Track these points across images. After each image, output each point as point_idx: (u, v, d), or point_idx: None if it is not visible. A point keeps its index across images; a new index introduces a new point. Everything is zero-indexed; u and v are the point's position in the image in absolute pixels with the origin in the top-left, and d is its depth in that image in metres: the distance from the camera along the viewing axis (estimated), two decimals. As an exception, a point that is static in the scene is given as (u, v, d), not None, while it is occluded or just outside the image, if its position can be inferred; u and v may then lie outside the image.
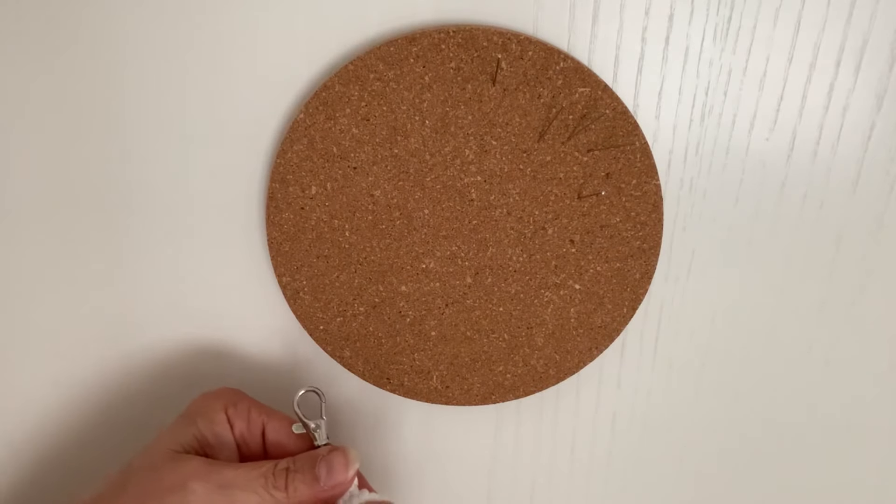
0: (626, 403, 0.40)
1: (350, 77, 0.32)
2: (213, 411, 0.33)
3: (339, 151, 0.33)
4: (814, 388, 0.40)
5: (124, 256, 0.36)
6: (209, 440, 0.33)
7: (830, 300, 0.38)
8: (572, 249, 0.35)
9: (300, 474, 0.31)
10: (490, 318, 0.36)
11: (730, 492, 0.42)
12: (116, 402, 0.39)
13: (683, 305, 0.38)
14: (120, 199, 0.35)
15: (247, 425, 0.33)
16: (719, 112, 0.34)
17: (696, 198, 0.35)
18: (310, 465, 0.31)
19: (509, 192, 0.34)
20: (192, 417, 0.33)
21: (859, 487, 0.42)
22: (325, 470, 0.31)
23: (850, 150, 0.35)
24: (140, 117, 0.34)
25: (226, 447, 0.33)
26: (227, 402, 0.33)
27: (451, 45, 0.31)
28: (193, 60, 0.33)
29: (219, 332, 0.38)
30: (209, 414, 0.33)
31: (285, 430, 0.34)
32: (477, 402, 0.38)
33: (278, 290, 0.37)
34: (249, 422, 0.33)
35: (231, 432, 0.33)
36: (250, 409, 0.34)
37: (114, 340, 0.38)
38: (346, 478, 0.31)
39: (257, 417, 0.33)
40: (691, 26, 0.32)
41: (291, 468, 0.31)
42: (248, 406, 0.34)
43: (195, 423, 0.32)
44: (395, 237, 0.35)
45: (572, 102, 0.32)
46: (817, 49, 0.33)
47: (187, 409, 0.34)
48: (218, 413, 0.33)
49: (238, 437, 0.33)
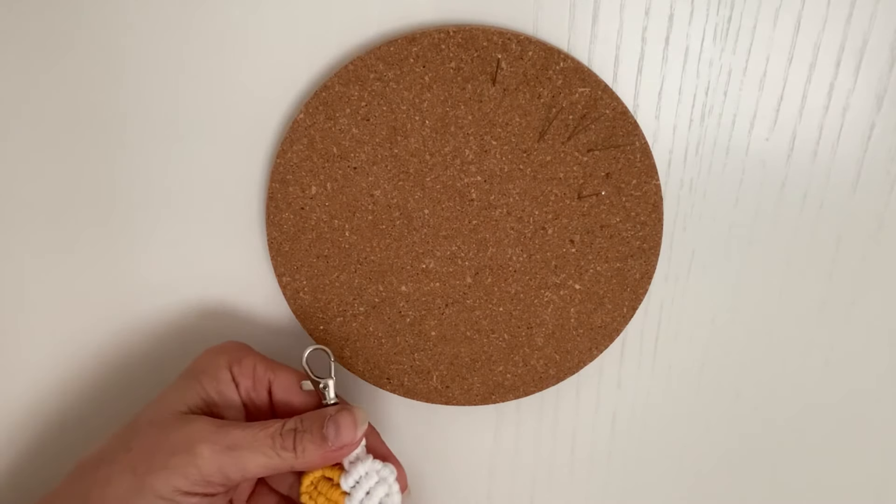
0: (626, 403, 0.40)
1: (350, 77, 0.32)
2: (217, 369, 0.32)
3: (339, 151, 0.33)
4: (814, 388, 0.40)
5: (123, 256, 0.36)
6: (215, 399, 0.32)
7: (830, 300, 0.38)
8: (572, 249, 0.35)
9: (308, 434, 0.30)
10: (490, 318, 0.36)
11: (730, 491, 0.42)
12: (117, 401, 0.39)
13: (683, 305, 0.38)
14: (119, 199, 0.35)
15: (252, 383, 0.33)
16: (719, 112, 0.34)
17: (696, 198, 0.35)
18: (318, 424, 0.30)
19: (509, 192, 0.34)
20: (197, 376, 0.32)
21: (859, 487, 0.42)
22: (333, 430, 0.30)
23: (850, 150, 0.35)
24: (140, 117, 0.34)
25: (232, 406, 0.32)
26: (231, 360, 0.33)
27: (451, 45, 0.31)
28: (193, 60, 0.33)
29: (218, 332, 0.38)
30: (213, 372, 0.32)
31: (293, 387, 0.33)
32: (477, 402, 0.38)
33: (278, 290, 0.37)
34: (255, 380, 0.33)
35: (237, 391, 0.32)
36: (255, 366, 0.33)
37: (114, 340, 0.38)
38: (354, 437, 0.31)
39: (263, 374, 0.33)
40: (691, 26, 0.32)
41: (299, 428, 0.30)
42: (253, 362, 0.33)
43: (200, 382, 0.32)
44: (395, 237, 0.35)
45: (572, 102, 0.32)
46: (817, 49, 0.33)
47: (192, 366, 0.33)
48: (222, 370, 0.32)
49: (244, 396, 0.33)
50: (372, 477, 0.33)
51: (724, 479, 0.42)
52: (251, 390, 0.33)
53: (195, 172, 0.35)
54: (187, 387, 0.32)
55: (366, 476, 0.32)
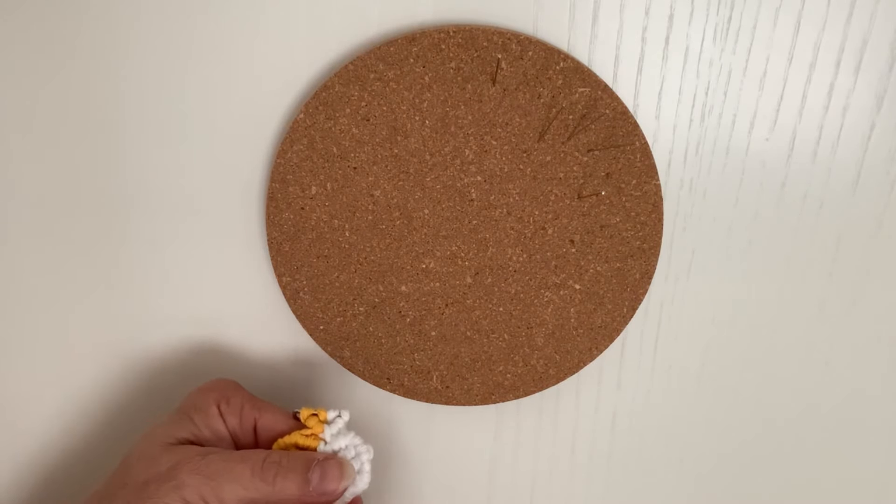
0: (626, 403, 0.40)
1: (350, 77, 0.32)
2: (207, 405, 0.33)
3: (339, 151, 0.33)
4: (814, 389, 0.40)
5: (124, 257, 0.36)
6: (205, 434, 0.33)
7: (830, 300, 0.38)
8: (572, 249, 0.35)
9: (292, 473, 0.30)
10: (490, 318, 0.36)
11: (730, 492, 0.42)
12: (117, 401, 0.39)
13: (683, 305, 0.38)
14: (120, 200, 0.35)
15: (239, 421, 0.33)
16: (719, 112, 0.34)
17: (696, 198, 0.35)
18: (303, 466, 0.31)
19: (509, 192, 0.34)
20: (188, 412, 0.33)
21: (859, 487, 0.42)
22: (318, 476, 0.31)
23: (850, 151, 0.35)
24: (140, 117, 0.34)
25: (222, 438, 0.33)
26: (220, 397, 0.33)
27: (451, 45, 0.31)
28: (193, 60, 0.33)
29: (219, 332, 0.38)
30: (203, 408, 0.33)
31: (277, 426, 0.33)
32: (477, 402, 0.38)
33: (278, 290, 0.37)
34: (241, 418, 0.33)
35: (225, 425, 0.33)
36: (243, 406, 0.33)
37: (114, 340, 0.38)
38: (337, 489, 0.31)
39: (249, 413, 0.33)
40: (691, 26, 0.32)
41: (283, 463, 0.30)
42: (240, 402, 0.33)
43: (191, 419, 0.32)
44: (395, 237, 0.35)
45: (572, 102, 0.32)
46: (817, 49, 0.33)
47: (182, 404, 0.34)
48: (211, 407, 0.33)
49: (231, 431, 0.33)
50: (350, 452, 0.33)
51: (724, 479, 0.42)
52: (237, 427, 0.33)
53: (195, 172, 0.35)
54: (177, 422, 0.32)
55: (345, 449, 0.33)
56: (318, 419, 0.33)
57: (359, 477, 0.33)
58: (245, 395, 0.34)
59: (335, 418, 0.33)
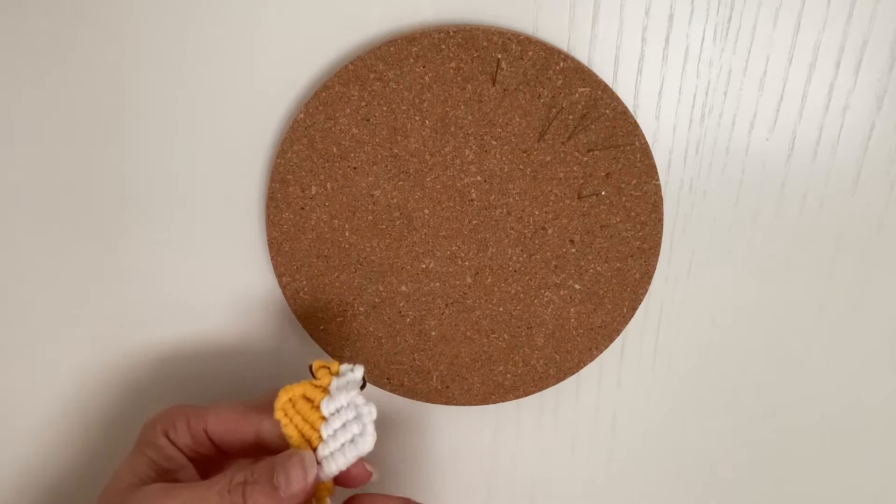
0: (626, 403, 0.40)
1: (350, 77, 0.32)
2: (154, 438, 0.32)
3: (339, 151, 0.33)
4: (814, 389, 0.40)
5: (123, 256, 0.36)
6: (164, 465, 0.32)
7: (830, 300, 0.38)
8: (572, 249, 0.35)
9: (259, 486, 0.29)
10: (490, 318, 0.36)
11: (730, 492, 0.42)
12: (117, 401, 0.39)
13: (683, 305, 0.38)
14: (119, 200, 0.35)
15: (191, 440, 0.33)
16: (719, 112, 0.34)
17: (696, 198, 0.35)
18: (267, 475, 0.30)
19: (509, 192, 0.34)
20: (142, 448, 0.32)
21: (860, 487, 0.42)
22: (283, 478, 0.30)
23: (850, 151, 0.35)
24: (139, 118, 0.34)
25: (182, 467, 0.32)
26: (166, 426, 0.33)
27: (451, 45, 0.31)
28: (193, 60, 0.33)
29: (219, 331, 0.38)
30: (153, 441, 0.32)
31: (225, 423, 0.32)
32: (477, 402, 0.38)
33: (278, 290, 0.37)
34: (192, 435, 0.33)
35: (180, 452, 0.32)
36: (188, 422, 0.33)
37: (113, 340, 0.38)
38: (305, 483, 0.30)
39: (196, 427, 0.32)
40: (691, 26, 0.32)
41: (249, 480, 0.30)
42: (185, 421, 0.33)
43: (145, 454, 0.32)
44: (395, 237, 0.35)
45: (572, 102, 0.32)
46: (817, 49, 0.33)
47: (137, 440, 0.33)
48: (159, 439, 0.32)
49: (189, 454, 0.33)
50: (351, 410, 0.31)
51: (723, 479, 0.42)
52: (193, 445, 0.33)
53: (195, 172, 0.35)
54: (135, 460, 0.32)
55: (346, 407, 0.31)
56: (328, 371, 0.32)
57: (360, 438, 0.31)
58: (189, 410, 0.33)
59: (347, 372, 0.32)
